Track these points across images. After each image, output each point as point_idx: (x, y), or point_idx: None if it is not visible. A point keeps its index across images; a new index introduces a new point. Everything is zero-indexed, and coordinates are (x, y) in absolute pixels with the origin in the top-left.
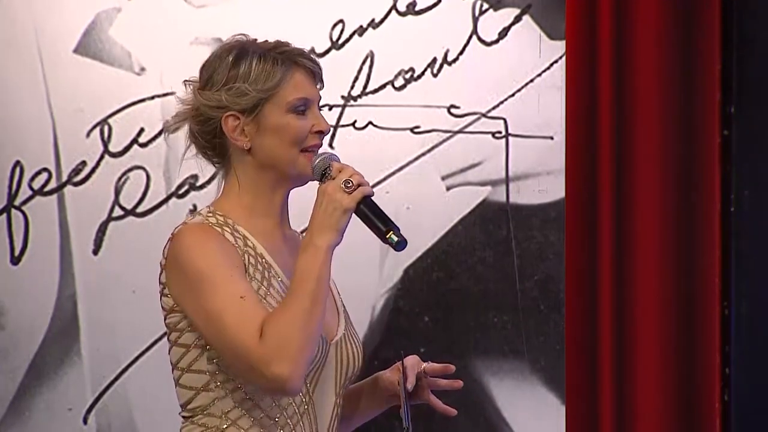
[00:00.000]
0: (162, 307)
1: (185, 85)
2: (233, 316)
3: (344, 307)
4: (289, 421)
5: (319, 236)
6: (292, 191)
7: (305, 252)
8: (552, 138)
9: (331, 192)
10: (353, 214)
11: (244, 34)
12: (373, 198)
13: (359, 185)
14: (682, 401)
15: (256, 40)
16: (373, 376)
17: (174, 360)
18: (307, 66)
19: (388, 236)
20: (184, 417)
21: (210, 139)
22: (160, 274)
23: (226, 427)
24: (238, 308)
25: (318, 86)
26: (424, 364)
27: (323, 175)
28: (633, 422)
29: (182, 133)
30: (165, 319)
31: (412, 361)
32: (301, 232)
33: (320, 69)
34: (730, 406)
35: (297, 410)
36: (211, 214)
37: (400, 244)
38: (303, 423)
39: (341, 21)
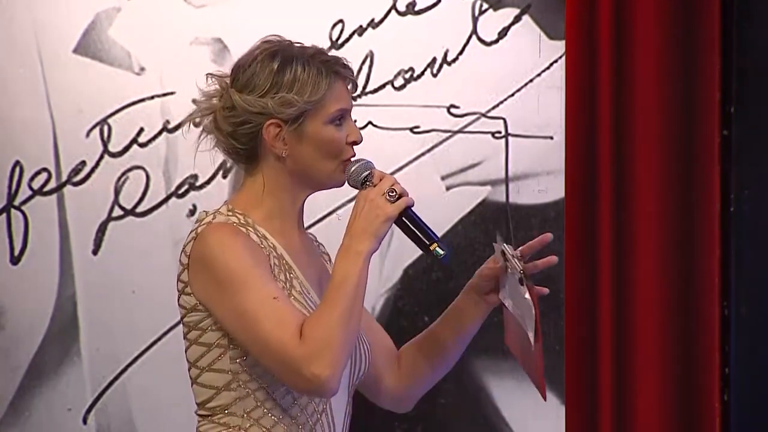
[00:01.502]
0: (181, 306)
1: (208, 77)
2: (268, 317)
3: None
4: (309, 419)
5: (359, 242)
6: None
7: (345, 257)
8: (552, 138)
9: (374, 199)
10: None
11: (277, 35)
12: (413, 209)
13: (401, 195)
14: (682, 401)
15: (292, 43)
16: (450, 307)
17: (192, 358)
18: (347, 76)
19: (432, 249)
20: (201, 416)
21: (245, 141)
22: (181, 272)
23: (249, 426)
24: (273, 308)
25: (353, 95)
26: (515, 251)
27: (363, 182)
28: (633, 422)
29: (181, 134)
30: (184, 317)
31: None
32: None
33: (355, 78)
34: (730, 406)
35: (316, 409)
36: (231, 213)
37: (445, 257)
38: (322, 421)
39: (341, 21)
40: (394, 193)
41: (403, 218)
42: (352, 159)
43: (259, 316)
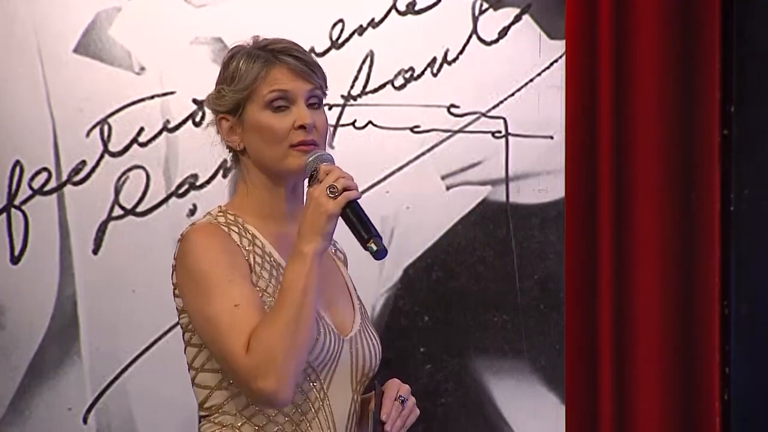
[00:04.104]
0: (176, 308)
1: None
2: (225, 325)
3: (361, 303)
4: (304, 417)
5: (305, 243)
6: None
7: (292, 260)
8: (552, 138)
9: (317, 197)
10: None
11: (257, 36)
12: (359, 202)
13: (345, 189)
14: (682, 401)
15: (259, 39)
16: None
17: (189, 360)
18: (286, 61)
19: (368, 244)
20: (201, 416)
21: (220, 141)
22: (172, 274)
23: (241, 425)
24: (231, 316)
25: (309, 80)
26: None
27: (311, 178)
28: (633, 422)
29: (181, 133)
30: (179, 319)
31: (391, 387)
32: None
33: (307, 64)
34: (730, 406)
35: (312, 406)
36: (221, 214)
37: (380, 254)
38: (319, 419)
39: (341, 21)
40: (335, 189)
41: (347, 211)
42: (312, 152)
43: (217, 323)
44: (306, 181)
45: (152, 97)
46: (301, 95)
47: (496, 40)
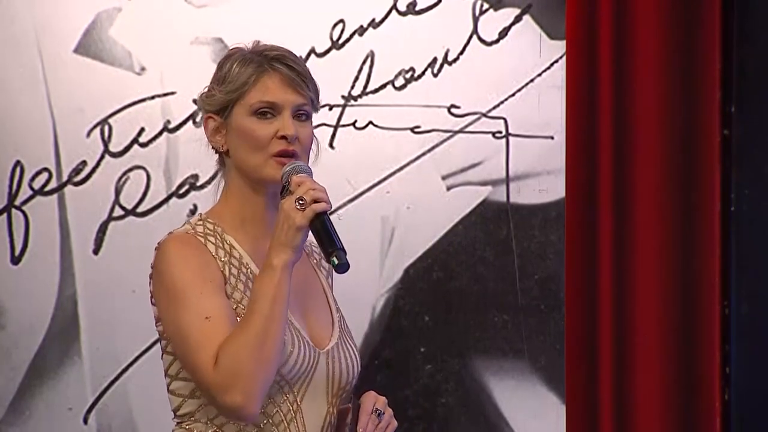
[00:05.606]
0: (153, 316)
1: None
2: (194, 338)
3: (341, 315)
4: (275, 428)
5: (275, 255)
6: None
7: (262, 272)
8: (552, 138)
9: (287, 209)
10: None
11: (257, 41)
12: (327, 214)
13: (314, 201)
14: (682, 400)
15: (259, 43)
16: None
17: (165, 367)
18: (279, 69)
19: (331, 257)
20: (176, 423)
21: (207, 143)
22: (149, 282)
23: None
24: (201, 329)
25: (299, 92)
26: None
27: (284, 189)
28: (633, 422)
29: (182, 134)
30: (156, 327)
31: (367, 401)
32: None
33: (301, 75)
34: (730, 406)
35: (284, 418)
36: (200, 223)
37: (341, 267)
38: (290, 430)
39: (341, 21)
40: (303, 201)
41: (315, 224)
42: (290, 163)
43: (187, 336)
44: (279, 192)
45: (153, 98)
46: (288, 106)
47: (497, 41)
